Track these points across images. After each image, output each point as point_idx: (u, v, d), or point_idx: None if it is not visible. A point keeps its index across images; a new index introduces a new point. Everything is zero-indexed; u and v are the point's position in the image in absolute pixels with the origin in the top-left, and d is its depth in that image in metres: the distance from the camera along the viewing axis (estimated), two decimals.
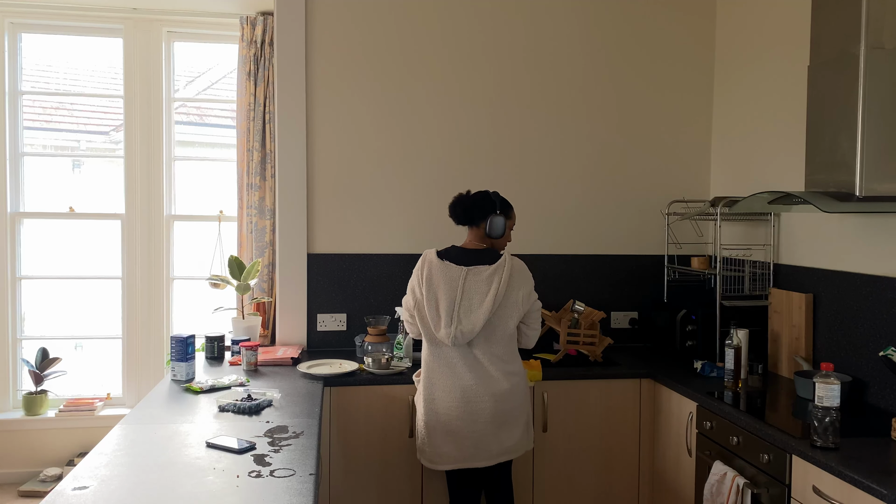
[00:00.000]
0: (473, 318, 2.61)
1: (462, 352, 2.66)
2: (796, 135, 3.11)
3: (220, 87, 4.30)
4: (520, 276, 2.70)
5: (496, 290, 2.62)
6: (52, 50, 4.15)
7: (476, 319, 2.60)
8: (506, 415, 2.67)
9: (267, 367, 3.18)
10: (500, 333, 2.66)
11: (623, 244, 3.78)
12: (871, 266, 2.67)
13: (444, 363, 2.68)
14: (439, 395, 2.68)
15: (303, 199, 3.51)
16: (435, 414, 2.69)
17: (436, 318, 2.65)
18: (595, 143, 3.75)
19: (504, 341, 2.68)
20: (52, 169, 4.21)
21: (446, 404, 2.66)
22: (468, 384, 2.64)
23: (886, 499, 1.81)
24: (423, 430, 2.73)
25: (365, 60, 3.56)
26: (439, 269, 2.69)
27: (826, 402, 2.10)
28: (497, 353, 2.67)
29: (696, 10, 3.79)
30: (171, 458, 1.98)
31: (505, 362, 2.68)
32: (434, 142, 3.63)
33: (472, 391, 2.64)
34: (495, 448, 2.68)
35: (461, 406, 2.64)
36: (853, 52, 2.34)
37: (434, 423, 2.69)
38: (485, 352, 2.66)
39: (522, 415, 2.73)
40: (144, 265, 4.16)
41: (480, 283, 2.64)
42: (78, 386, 4.28)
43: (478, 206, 2.74)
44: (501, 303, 2.64)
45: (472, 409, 2.64)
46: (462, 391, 2.65)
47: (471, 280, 2.65)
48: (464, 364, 2.66)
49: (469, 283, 2.65)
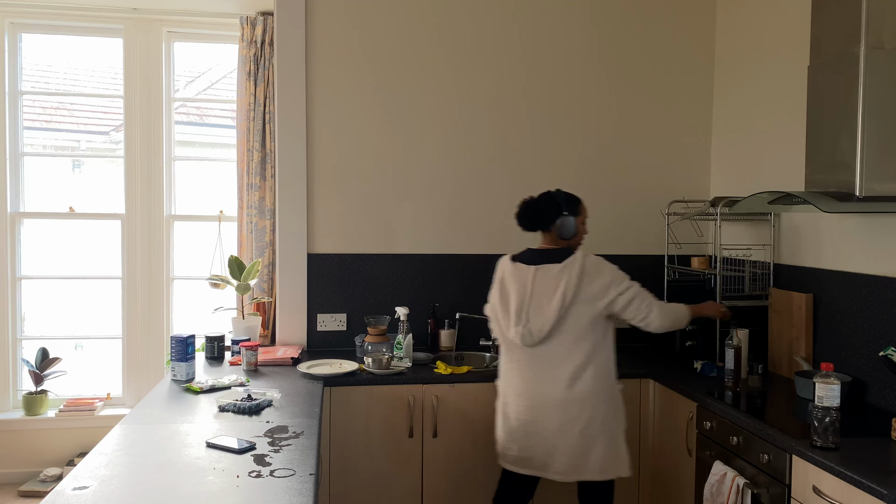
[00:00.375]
0: (543, 316, 2.55)
1: (533, 353, 2.60)
2: (796, 135, 3.11)
3: (220, 87, 4.30)
4: (593, 268, 2.58)
5: (564, 287, 2.53)
6: (52, 50, 4.15)
7: (545, 318, 2.54)
8: (572, 424, 2.55)
9: (267, 367, 3.18)
10: (573, 333, 2.56)
11: (623, 244, 3.78)
12: (871, 266, 2.67)
13: (516, 365, 2.64)
14: (511, 398, 2.65)
15: (303, 199, 3.51)
16: (507, 418, 2.67)
17: (506, 319, 2.63)
18: (595, 144, 3.75)
19: (577, 342, 2.56)
20: (52, 169, 4.21)
21: (516, 407, 2.63)
22: (535, 388, 2.59)
23: (886, 499, 1.81)
24: (499, 431, 2.73)
25: (365, 60, 3.56)
26: (511, 271, 2.68)
27: (826, 402, 2.10)
28: (568, 354, 2.56)
29: (696, 10, 3.79)
30: (171, 458, 1.98)
31: (576, 366, 2.56)
32: (434, 141, 3.63)
33: (539, 395, 2.58)
34: (564, 462, 2.57)
35: (528, 410, 2.60)
36: (853, 52, 2.34)
37: (506, 426, 2.68)
38: (556, 353, 2.57)
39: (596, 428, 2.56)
40: (144, 265, 4.16)
41: (549, 281, 2.58)
42: (78, 386, 4.28)
43: (543, 211, 2.66)
44: (574, 299, 2.54)
45: (537, 414, 2.58)
46: (529, 395, 2.60)
47: (540, 279, 2.60)
48: (532, 366, 2.60)
49: (538, 283, 2.59)
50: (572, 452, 2.56)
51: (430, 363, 3.30)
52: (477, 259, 3.67)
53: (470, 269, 3.67)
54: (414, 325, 3.58)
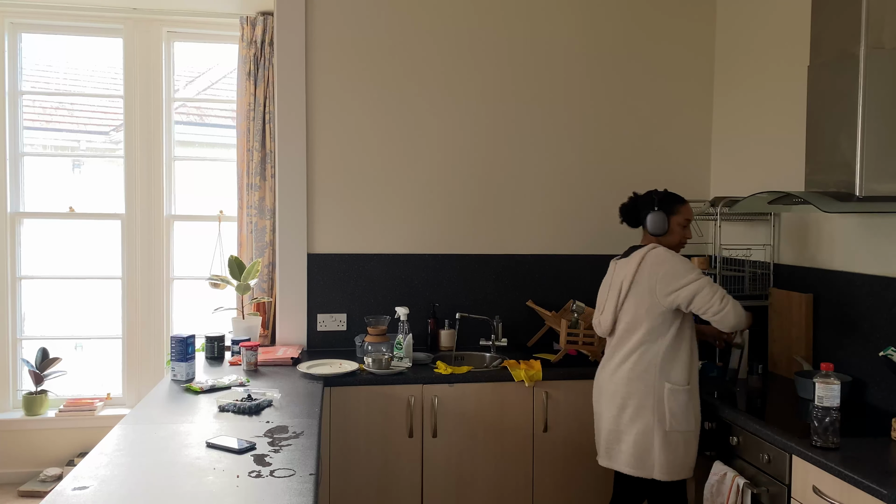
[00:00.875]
0: (608, 308, 2.70)
1: (609, 345, 2.75)
2: (796, 135, 3.11)
3: (220, 87, 4.30)
4: (654, 259, 2.58)
5: (622, 278, 2.64)
6: (52, 50, 4.15)
7: (608, 309, 2.69)
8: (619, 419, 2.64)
9: (267, 367, 3.18)
10: (626, 323, 2.63)
11: (623, 244, 3.78)
12: (871, 266, 2.67)
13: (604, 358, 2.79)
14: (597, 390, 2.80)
15: (303, 199, 3.51)
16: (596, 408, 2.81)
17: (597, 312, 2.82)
18: (595, 143, 3.75)
19: (629, 332, 2.63)
20: (52, 169, 4.21)
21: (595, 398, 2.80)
22: (598, 375, 2.77)
23: (886, 499, 1.81)
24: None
25: (365, 60, 3.56)
26: (611, 266, 2.84)
27: (826, 402, 2.10)
28: (621, 345, 2.66)
29: (696, 10, 3.79)
30: (171, 458, 1.98)
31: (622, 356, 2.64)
32: (433, 141, 3.63)
33: (597, 382, 2.76)
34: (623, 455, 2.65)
35: (596, 401, 2.77)
36: (853, 52, 2.34)
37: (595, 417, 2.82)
38: (615, 343, 2.70)
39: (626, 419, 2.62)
40: (144, 265, 4.16)
41: (619, 273, 2.69)
42: (78, 386, 4.28)
43: (638, 206, 2.77)
44: (631, 290, 2.61)
45: (596, 401, 2.77)
46: (597, 387, 2.77)
47: (617, 272, 2.72)
48: (605, 359, 2.76)
49: (616, 275, 2.72)
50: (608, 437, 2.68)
51: (429, 363, 3.30)
52: (477, 259, 3.67)
53: (470, 269, 3.67)
54: (414, 325, 3.58)
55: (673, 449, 2.57)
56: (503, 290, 3.70)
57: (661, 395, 2.57)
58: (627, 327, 2.63)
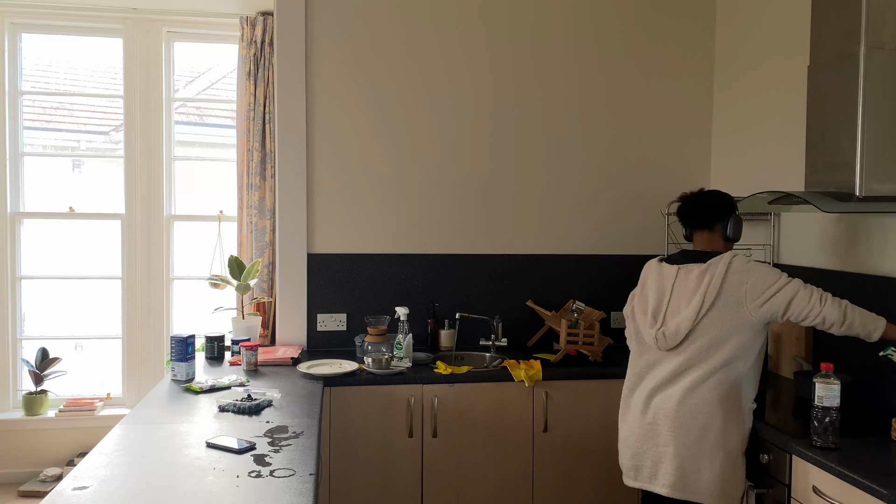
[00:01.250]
0: (679, 319, 2.35)
1: (666, 356, 2.41)
2: (796, 135, 3.11)
3: (219, 87, 4.30)
4: (741, 267, 2.33)
5: (706, 288, 2.31)
6: (52, 50, 4.16)
7: (682, 320, 2.34)
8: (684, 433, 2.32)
9: (267, 367, 3.18)
10: (709, 338, 2.32)
11: (623, 244, 3.78)
12: (871, 266, 2.67)
13: (645, 367, 2.47)
14: (633, 402, 2.49)
15: (303, 199, 3.51)
16: (626, 423, 2.52)
17: (643, 320, 2.47)
18: (595, 143, 3.75)
19: (713, 348, 2.32)
20: (52, 169, 4.21)
21: (634, 411, 2.47)
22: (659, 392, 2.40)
23: (886, 499, 1.81)
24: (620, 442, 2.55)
25: (365, 60, 3.56)
26: (655, 271, 2.51)
27: (826, 402, 2.10)
28: (700, 360, 2.33)
29: (696, 10, 3.79)
30: (171, 458, 1.98)
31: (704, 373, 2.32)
32: (434, 141, 3.63)
33: (660, 400, 2.39)
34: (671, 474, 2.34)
35: (644, 416, 2.42)
36: (853, 52, 2.34)
37: (623, 431, 2.52)
38: (688, 358, 2.35)
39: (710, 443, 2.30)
40: (144, 265, 4.16)
41: (690, 281, 2.38)
42: (78, 386, 4.28)
43: (712, 207, 2.47)
44: (716, 303, 2.31)
45: (653, 417, 2.40)
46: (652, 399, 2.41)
47: (681, 279, 2.41)
48: (660, 371, 2.41)
49: (679, 283, 2.41)
50: (683, 465, 2.32)
51: (429, 363, 3.30)
52: (477, 259, 3.67)
53: (470, 268, 3.67)
54: (414, 325, 3.58)
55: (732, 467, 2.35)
56: (503, 289, 3.70)
57: (744, 416, 2.36)
58: (711, 343, 2.31)
